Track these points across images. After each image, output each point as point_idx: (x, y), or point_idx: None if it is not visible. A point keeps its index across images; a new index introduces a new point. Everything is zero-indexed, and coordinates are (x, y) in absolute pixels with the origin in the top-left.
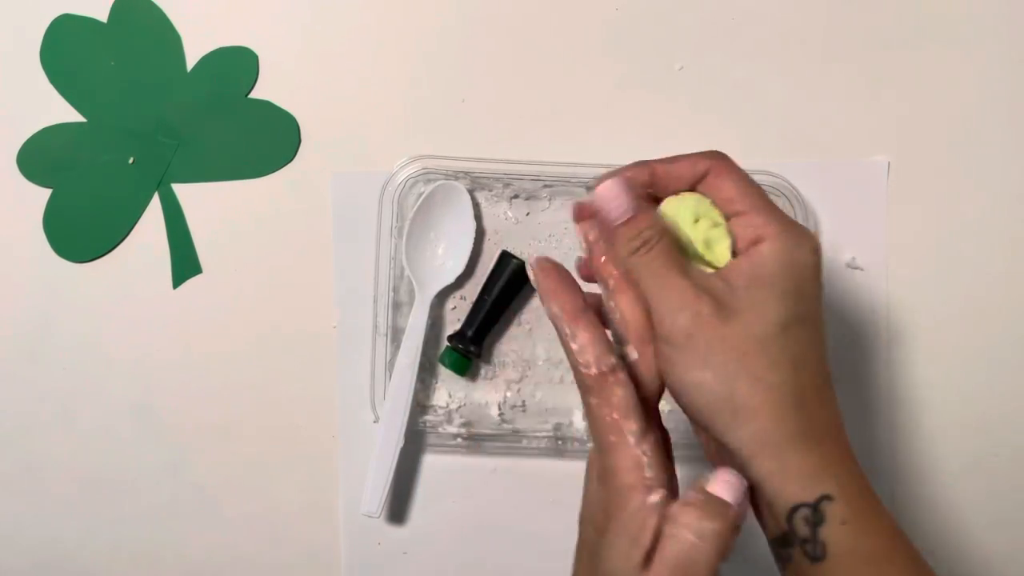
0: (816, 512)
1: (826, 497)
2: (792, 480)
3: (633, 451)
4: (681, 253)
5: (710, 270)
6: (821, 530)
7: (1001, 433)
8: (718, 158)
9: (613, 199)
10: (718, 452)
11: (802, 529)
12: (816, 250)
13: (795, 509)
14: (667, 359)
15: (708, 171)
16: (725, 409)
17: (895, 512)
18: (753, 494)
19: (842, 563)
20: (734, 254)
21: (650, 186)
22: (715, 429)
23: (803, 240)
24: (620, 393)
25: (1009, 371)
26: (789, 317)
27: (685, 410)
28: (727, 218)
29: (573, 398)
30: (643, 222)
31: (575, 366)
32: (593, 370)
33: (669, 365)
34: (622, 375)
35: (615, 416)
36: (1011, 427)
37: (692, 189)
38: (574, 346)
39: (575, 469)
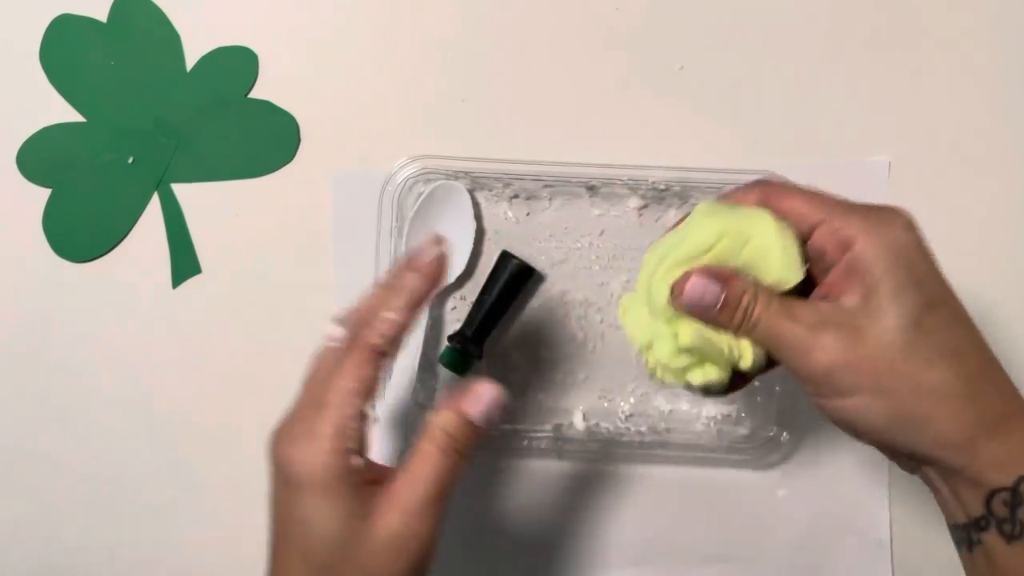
0: (1015, 495)
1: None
2: (986, 469)
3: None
4: (774, 290)
5: (787, 286)
6: (1020, 511)
7: None
8: (767, 185)
9: (701, 294)
10: (896, 455)
11: (1000, 511)
12: (909, 226)
13: (993, 494)
14: (821, 401)
15: (765, 199)
16: (896, 426)
17: (895, 512)
18: (942, 482)
19: None
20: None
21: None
22: (894, 445)
23: (891, 222)
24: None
25: (1010, 370)
26: (916, 310)
27: (859, 437)
28: (806, 236)
29: (573, 399)
30: (734, 298)
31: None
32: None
33: (827, 406)
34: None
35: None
36: None
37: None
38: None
39: (575, 469)
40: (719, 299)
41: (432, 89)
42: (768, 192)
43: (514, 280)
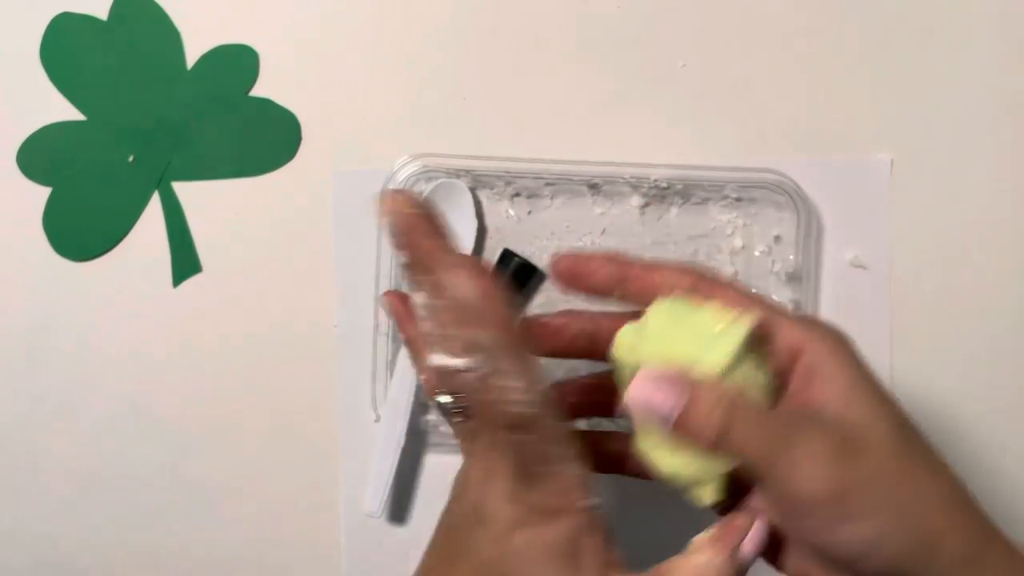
0: None
1: None
2: None
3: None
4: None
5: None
6: None
7: (1006, 430)
8: (698, 274)
9: (651, 398)
10: None
11: None
12: (848, 338)
13: None
14: (821, 534)
15: (694, 286)
16: (915, 549)
17: None
18: None
19: None
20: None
21: (615, 288)
22: (908, 571)
23: (835, 332)
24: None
25: (1013, 369)
26: (897, 418)
27: (854, 566)
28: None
29: None
30: (704, 404)
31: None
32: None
33: (831, 539)
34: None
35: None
36: (1016, 424)
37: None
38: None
39: None
40: (677, 406)
41: (433, 87)
42: (697, 281)
43: (516, 278)
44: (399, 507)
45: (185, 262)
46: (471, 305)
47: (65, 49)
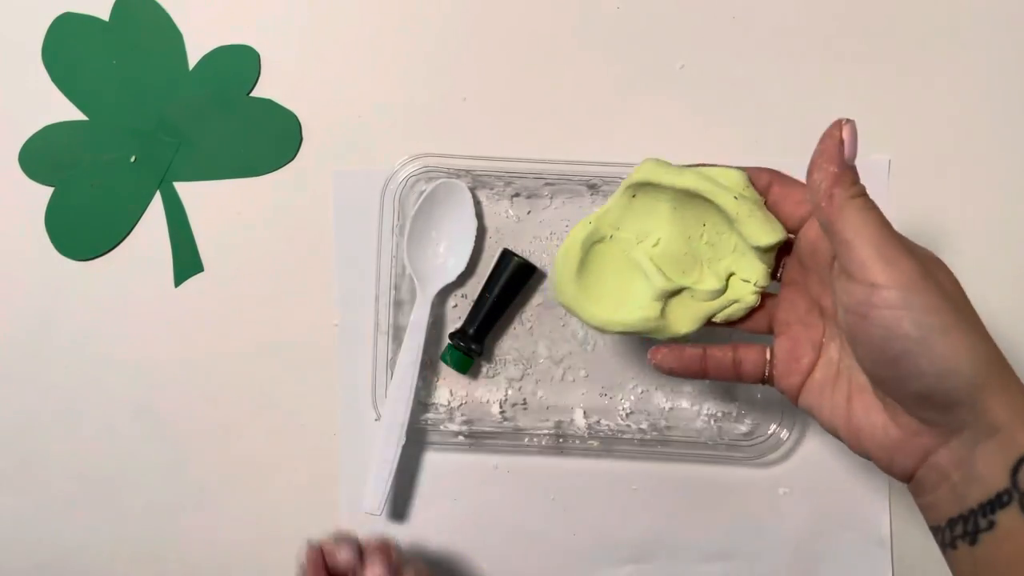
0: None
1: None
2: (1022, 428)
3: None
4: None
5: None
6: None
7: None
8: (776, 172)
9: (855, 141)
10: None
11: None
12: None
13: (1022, 460)
14: (888, 309)
15: (772, 178)
16: (924, 335)
17: (895, 511)
18: (958, 459)
19: None
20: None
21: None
22: (919, 368)
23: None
24: None
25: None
26: (920, 261)
27: (883, 363)
28: (800, 223)
29: (574, 396)
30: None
31: None
32: None
33: (872, 310)
34: None
35: None
36: None
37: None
38: None
39: (576, 467)
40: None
41: (433, 88)
42: (775, 176)
43: (515, 278)
44: (399, 505)
45: (186, 262)
46: None
47: (67, 49)
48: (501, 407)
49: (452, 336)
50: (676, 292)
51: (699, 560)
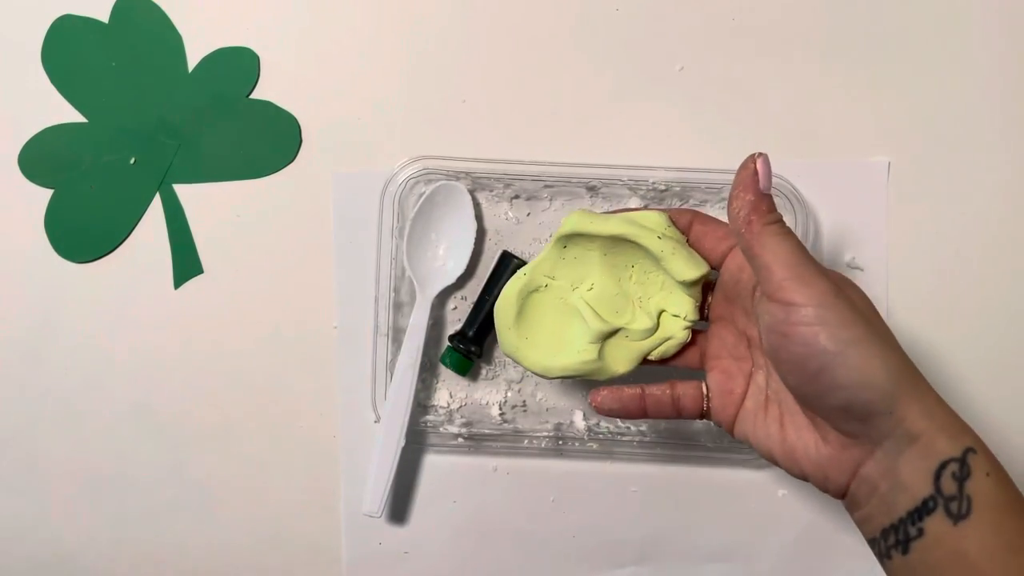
0: (963, 466)
1: (970, 450)
2: (939, 435)
3: None
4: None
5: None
6: (968, 484)
7: (1002, 432)
8: (696, 212)
9: (768, 175)
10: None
11: (949, 487)
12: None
13: (943, 466)
14: (805, 326)
15: (692, 218)
16: (840, 349)
17: None
18: (884, 469)
19: (986, 517)
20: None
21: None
22: (835, 381)
23: None
24: None
25: (1009, 370)
26: (835, 284)
27: (815, 377)
28: (721, 258)
29: (573, 398)
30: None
31: None
32: None
33: (813, 332)
34: None
35: None
36: (1012, 426)
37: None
38: None
39: (576, 468)
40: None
41: (433, 90)
42: (696, 215)
43: None
44: (399, 507)
45: (186, 263)
46: None
47: (67, 51)
48: (501, 409)
49: (452, 338)
50: (612, 333)
51: (698, 561)
